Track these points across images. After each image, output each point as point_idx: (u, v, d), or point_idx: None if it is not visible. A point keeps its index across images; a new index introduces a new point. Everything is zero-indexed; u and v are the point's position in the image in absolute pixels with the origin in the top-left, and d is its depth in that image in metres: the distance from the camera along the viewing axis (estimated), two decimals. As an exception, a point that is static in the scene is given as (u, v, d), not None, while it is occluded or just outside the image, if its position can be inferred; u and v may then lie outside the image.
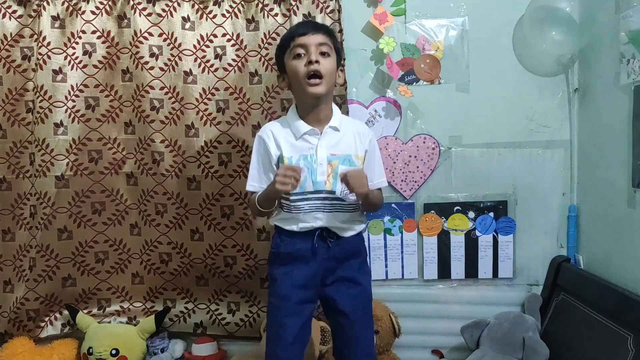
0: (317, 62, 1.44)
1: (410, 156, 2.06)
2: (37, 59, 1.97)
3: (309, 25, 1.53)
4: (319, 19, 1.96)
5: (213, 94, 2.01)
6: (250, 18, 1.99)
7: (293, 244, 1.52)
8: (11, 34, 1.99)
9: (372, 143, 1.61)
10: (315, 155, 1.49)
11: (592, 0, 1.83)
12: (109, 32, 2.00)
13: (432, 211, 2.09)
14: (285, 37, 1.54)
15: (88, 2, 1.98)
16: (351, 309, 1.53)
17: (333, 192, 1.50)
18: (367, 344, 1.57)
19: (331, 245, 1.51)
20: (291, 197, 1.50)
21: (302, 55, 1.46)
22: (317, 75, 1.44)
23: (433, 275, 2.11)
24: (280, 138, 1.52)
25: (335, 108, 1.57)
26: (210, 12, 1.99)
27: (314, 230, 1.50)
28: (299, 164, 1.48)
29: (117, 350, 1.94)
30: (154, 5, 1.98)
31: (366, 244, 2.09)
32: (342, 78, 1.63)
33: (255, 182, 1.56)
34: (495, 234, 2.08)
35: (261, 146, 1.55)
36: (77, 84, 2.00)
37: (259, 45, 1.99)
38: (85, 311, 2.10)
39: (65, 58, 1.98)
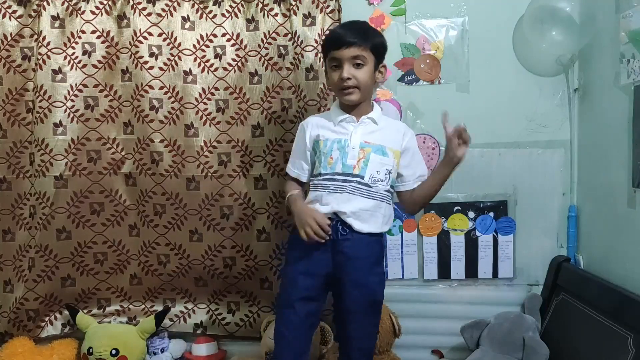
0: (349, 78, 1.52)
1: (410, 156, 2.06)
2: (37, 59, 1.97)
3: (344, 37, 1.53)
4: (319, 19, 1.96)
5: (213, 94, 2.01)
6: (250, 18, 1.99)
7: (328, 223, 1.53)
8: (11, 34, 1.99)
9: (412, 142, 1.67)
10: (350, 139, 1.56)
11: (592, 0, 1.83)
12: (108, 32, 2.00)
13: (432, 211, 2.09)
14: (324, 44, 1.62)
15: (88, 2, 1.98)
16: (352, 309, 1.55)
17: (362, 177, 1.54)
18: (365, 340, 1.59)
19: (340, 237, 1.52)
20: (321, 177, 1.57)
21: (338, 67, 1.55)
22: (349, 87, 1.53)
23: (433, 275, 2.11)
24: (320, 125, 1.63)
25: (376, 106, 1.65)
26: (210, 12, 1.99)
27: (332, 220, 1.52)
28: (332, 146, 1.56)
29: (117, 350, 1.94)
30: (153, 5, 1.98)
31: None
32: (383, 75, 1.65)
33: (297, 170, 1.67)
34: (495, 234, 2.08)
35: (303, 134, 1.66)
36: (76, 84, 2.00)
37: (259, 45, 1.99)
38: (85, 311, 2.09)
39: (65, 58, 1.98)
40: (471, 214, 2.08)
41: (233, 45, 2.00)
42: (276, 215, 2.04)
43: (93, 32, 1.99)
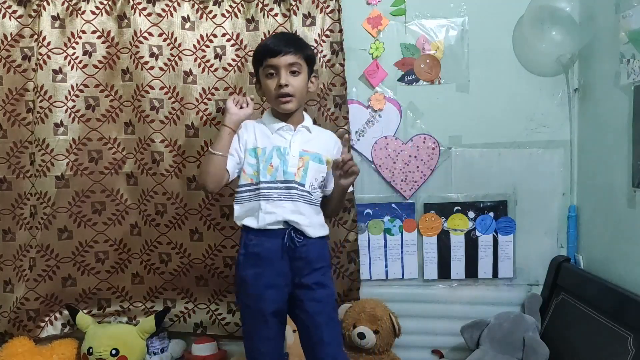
0: (286, 85, 1.55)
1: (410, 156, 2.06)
2: (37, 59, 1.97)
3: (280, 44, 1.57)
4: (319, 19, 1.96)
5: (213, 94, 2.01)
6: (250, 18, 1.99)
7: (261, 244, 1.55)
8: (11, 34, 1.99)
9: (340, 151, 1.73)
10: (289, 148, 1.58)
11: (592, 0, 1.84)
12: (109, 32, 2.00)
13: (432, 211, 2.09)
14: (258, 52, 1.63)
15: (88, 2, 1.98)
16: (317, 311, 1.55)
17: (302, 185, 1.57)
18: (334, 349, 1.57)
19: (298, 245, 1.53)
20: (261, 185, 1.55)
21: (274, 75, 1.57)
22: (287, 94, 1.56)
23: (433, 275, 2.11)
24: (258, 131, 1.63)
25: (306, 115, 1.69)
26: (210, 12, 1.99)
27: (282, 230, 1.54)
28: (272, 154, 1.57)
29: (117, 350, 1.94)
30: (153, 5, 1.98)
31: (366, 244, 2.10)
32: (314, 85, 1.70)
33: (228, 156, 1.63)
34: (495, 234, 2.08)
35: (241, 130, 1.64)
36: (77, 84, 2.00)
37: (259, 45, 1.99)
38: (85, 311, 2.09)
39: (65, 58, 1.98)
40: (471, 214, 2.08)
41: (233, 45, 2.00)
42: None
43: (93, 32, 1.99)
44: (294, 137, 1.60)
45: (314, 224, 1.58)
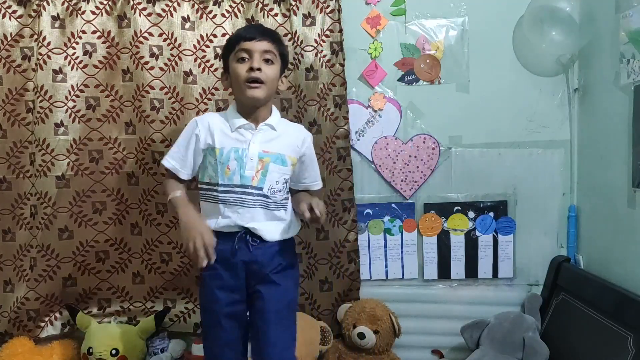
0: (259, 69, 1.47)
1: (410, 156, 2.06)
2: (37, 59, 1.97)
3: (257, 31, 1.53)
4: (319, 19, 1.96)
5: (213, 94, 2.01)
6: (250, 18, 1.99)
7: (217, 245, 1.48)
8: (11, 34, 1.99)
9: (311, 148, 1.65)
10: (248, 149, 1.50)
11: (592, 0, 1.84)
12: (109, 32, 2.00)
13: (432, 211, 2.09)
14: (231, 39, 1.56)
15: (88, 2, 1.98)
16: (267, 308, 1.49)
17: (260, 189, 1.50)
18: (284, 352, 1.50)
19: (252, 249, 1.49)
20: (219, 188, 1.50)
21: (246, 59, 1.49)
22: (257, 80, 1.48)
23: (433, 275, 2.11)
24: (216, 128, 1.54)
25: (274, 110, 1.60)
26: (210, 12, 1.99)
27: (235, 233, 1.50)
28: (229, 156, 1.49)
29: (117, 350, 1.94)
30: (154, 5, 1.98)
31: (366, 244, 2.10)
32: (284, 85, 1.64)
33: (176, 162, 1.57)
34: (495, 234, 2.08)
35: (194, 130, 1.55)
36: (77, 84, 2.00)
37: (259, 45, 1.99)
38: (85, 311, 2.09)
39: (66, 58, 1.98)
40: (471, 214, 2.08)
41: (233, 45, 2.00)
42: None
43: (93, 32, 1.99)
44: (255, 137, 1.52)
45: (270, 230, 1.52)
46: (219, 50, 2.00)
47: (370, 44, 2.02)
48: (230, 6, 1.99)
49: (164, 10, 1.98)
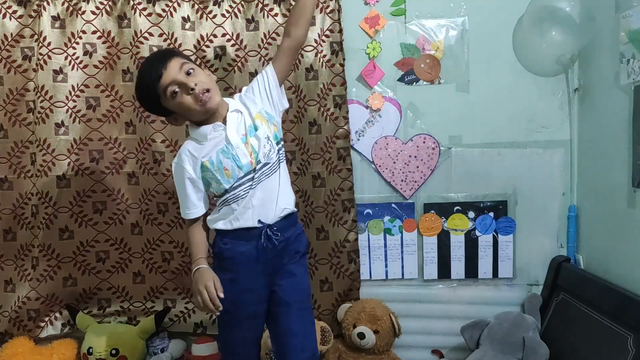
0: (195, 84, 1.40)
1: (410, 156, 2.06)
2: (38, 59, 1.97)
3: (157, 63, 1.42)
4: (319, 19, 1.96)
5: (213, 94, 2.01)
6: (250, 18, 1.99)
7: (236, 247, 1.48)
8: (12, 34, 1.99)
9: (244, 90, 1.57)
10: (230, 144, 1.46)
11: (592, 0, 1.83)
12: (109, 32, 2.00)
13: (432, 211, 2.09)
14: (146, 90, 1.45)
15: (88, 2, 1.99)
16: (287, 298, 1.49)
17: (258, 163, 1.46)
18: (305, 340, 1.50)
19: (277, 243, 1.47)
20: (228, 191, 1.47)
21: (176, 90, 1.41)
22: (204, 93, 1.41)
23: (433, 275, 2.11)
24: (194, 150, 1.49)
25: (228, 99, 1.53)
26: (210, 12, 2.00)
27: (257, 229, 1.47)
28: (219, 158, 1.45)
29: (117, 350, 1.94)
30: (154, 5, 1.99)
31: (366, 244, 2.10)
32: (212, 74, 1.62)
33: (195, 208, 1.53)
34: (495, 234, 2.08)
35: (184, 171, 1.50)
36: (77, 84, 2.01)
37: (259, 45, 2.00)
38: (85, 311, 2.10)
39: (66, 58, 1.99)
40: (471, 214, 2.08)
41: (233, 45, 2.00)
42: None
43: (94, 32, 1.99)
44: (228, 129, 1.47)
45: (283, 201, 1.50)
46: (219, 51, 2.00)
47: (369, 44, 2.02)
48: (230, 6, 1.99)
49: (164, 10, 1.99)
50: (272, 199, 1.49)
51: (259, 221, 1.47)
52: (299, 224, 1.59)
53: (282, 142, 1.56)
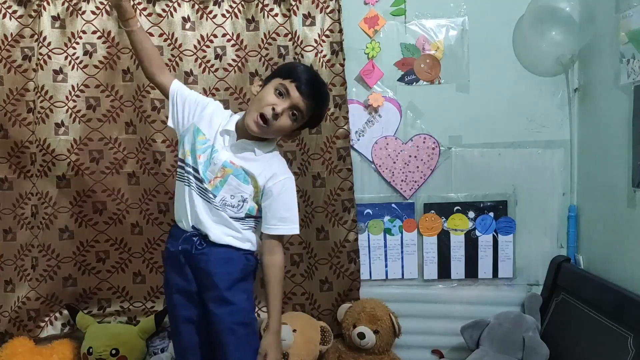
0: (276, 114, 1.39)
1: (410, 156, 2.06)
2: (38, 59, 1.97)
3: (308, 88, 1.41)
4: (319, 19, 1.96)
5: (213, 94, 2.01)
6: (250, 18, 1.99)
7: (169, 247, 1.50)
8: (11, 34, 1.99)
9: (278, 188, 1.47)
10: (218, 153, 1.44)
11: (592, 0, 1.84)
12: (109, 32, 2.00)
13: (432, 211, 2.09)
14: (290, 71, 1.45)
15: (88, 2, 1.98)
16: (221, 328, 1.44)
17: (214, 195, 1.43)
18: None
19: (195, 252, 1.43)
20: (186, 166, 1.46)
21: (282, 95, 1.41)
22: (266, 120, 1.40)
23: (433, 275, 2.11)
24: (215, 122, 1.49)
25: (275, 152, 1.52)
26: (210, 12, 2.00)
27: (188, 233, 1.45)
28: (205, 149, 1.45)
29: (117, 350, 1.94)
30: (154, 5, 1.99)
31: (366, 244, 2.10)
32: (293, 139, 1.70)
33: (181, 87, 1.58)
34: (495, 234, 2.08)
35: (207, 102, 1.54)
36: (77, 84, 2.01)
37: (259, 46, 2.00)
38: (85, 311, 2.10)
39: (66, 58, 1.99)
40: (471, 214, 2.08)
41: (233, 45, 2.00)
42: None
43: (94, 32, 1.99)
44: (231, 147, 1.45)
45: (222, 233, 1.44)
46: (219, 51, 2.00)
47: (368, 44, 2.02)
48: (231, 6, 1.99)
49: (164, 10, 1.98)
50: (209, 223, 1.44)
51: (193, 227, 1.45)
52: (242, 255, 1.49)
53: (252, 218, 1.49)
